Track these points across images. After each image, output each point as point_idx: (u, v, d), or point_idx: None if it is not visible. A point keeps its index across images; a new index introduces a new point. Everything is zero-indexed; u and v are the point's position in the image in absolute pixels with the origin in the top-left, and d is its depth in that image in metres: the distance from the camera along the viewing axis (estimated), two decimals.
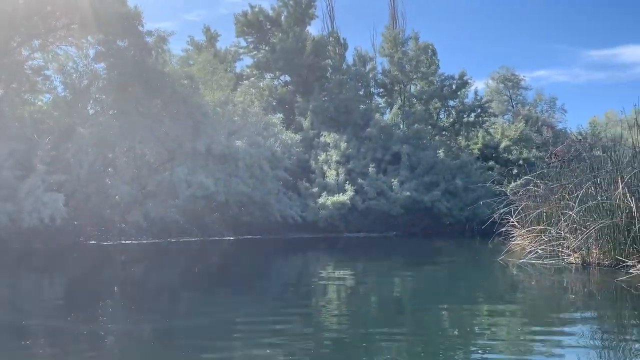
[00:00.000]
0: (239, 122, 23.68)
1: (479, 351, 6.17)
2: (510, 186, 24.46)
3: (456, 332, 7.16)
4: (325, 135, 30.90)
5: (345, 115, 32.99)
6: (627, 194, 11.98)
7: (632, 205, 11.64)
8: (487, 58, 72.30)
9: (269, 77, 38.94)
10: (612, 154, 14.08)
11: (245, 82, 32.97)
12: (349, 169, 29.36)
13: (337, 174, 28.86)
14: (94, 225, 21.57)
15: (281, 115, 32.01)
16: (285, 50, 35.37)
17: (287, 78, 39.05)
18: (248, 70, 38.17)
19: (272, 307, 9.24)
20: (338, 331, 7.40)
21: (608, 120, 44.27)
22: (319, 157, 30.10)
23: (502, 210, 20.21)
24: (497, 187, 24.93)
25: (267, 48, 37.83)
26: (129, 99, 20.96)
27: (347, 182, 28.41)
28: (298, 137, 29.74)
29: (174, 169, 20.53)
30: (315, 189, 28.11)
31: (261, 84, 35.14)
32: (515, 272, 13.35)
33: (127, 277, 13.95)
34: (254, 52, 38.90)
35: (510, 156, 35.91)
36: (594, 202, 12.87)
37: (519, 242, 18.22)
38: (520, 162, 34.05)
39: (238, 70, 38.37)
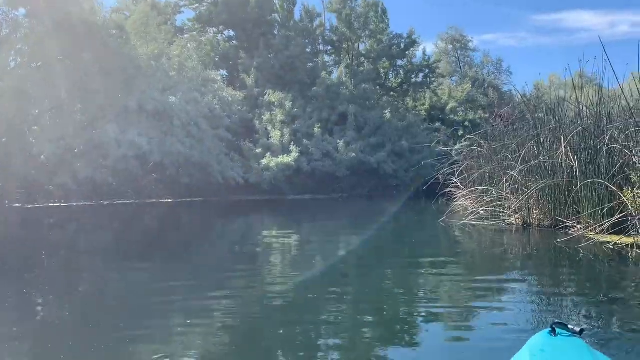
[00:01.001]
0: (175, 77, 22.26)
1: (421, 309, 6.30)
2: (456, 147, 24.39)
3: (400, 292, 7.23)
4: (270, 94, 29.82)
5: (291, 73, 31.94)
6: (570, 153, 11.71)
7: (574, 164, 11.38)
8: (437, 20, 72.18)
9: (212, 32, 37.26)
10: (555, 113, 13.79)
11: (186, 36, 31.31)
12: (294, 130, 28.54)
13: (282, 135, 28.00)
14: (18, 187, 20.09)
15: (224, 72, 30.73)
16: (229, 4, 33.75)
17: (232, 33, 37.49)
18: (190, 24, 36.32)
19: (210, 271, 8.69)
20: (281, 294, 7.09)
21: (552, 83, 44.82)
22: (263, 116, 29.09)
23: (446, 171, 20.06)
24: (443, 148, 24.77)
25: (209, 1, 36.09)
26: (53, 50, 19.26)
27: (292, 142, 27.63)
28: (240, 94, 28.53)
29: (104, 127, 19.12)
30: (259, 150, 27.21)
31: (203, 38, 33.43)
32: (456, 234, 13.02)
33: (45, 242, 12.82)
34: (196, 5, 37.06)
35: (456, 117, 35.98)
36: (535, 162, 12.58)
37: (462, 203, 18.04)
38: (467, 123, 34.13)
39: (179, 24, 36.47)
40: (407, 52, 36.39)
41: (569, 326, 3.32)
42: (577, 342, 3.21)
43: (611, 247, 9.36)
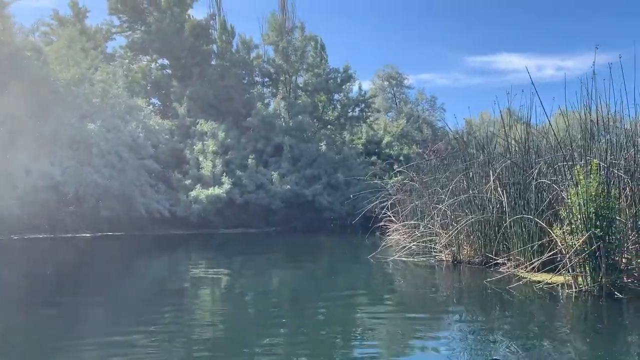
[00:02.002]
0: (97, 103, 20.98)
1: (356, 347, 6.24)
2: (391, 181, 24.21)
3: (332, 330, 7.06)
4: (202, 124, 28.82)
5: (226, 103, 31.13)
6: (499, 188, 11.45)
7: (502, 199, 11.10)
8: (375, 59, 73.68)
9: (146, 59, 36.05)
10: (485, 148, 13.63)
11: (115, 62, 30.02)
12: (227, 160, 27.57)
13: (214, 165, 26.94)
14: None
15: (156, 101, 29.54)
16: (162, 31, 32.74)
17: (165, 62, 36.43)
18: (122, 51, 35.02)
19: (130, 315, 7.89)
20: (207, 336, 6.65)
21: (482, 121, 46.13)
22: (194, 146, 27.97)
23: (381, 205, 19.71)
24: (377, 181, 24.51)
25: (142, 28, 35.01)
26: None
27: (225, 174, 26.61)
28: (168, 123, 27.38)
29: (13, 155, 17.56)
30: (188, 181, 26.01)
31: (135, 66, 32.19)
32: (386, 270, 12.44)
33: None
34: (129, 33, 35.88)
35: (392, 152, 36.11)
36: (465, 196, 12.27)
37: (395, 237, 17.61)
38: (401, 158, 34.26)
39: (111, 51, 35.11)
40: (343, 87, 36.36)
41: None
42: None
43: (542, 287, 8.99)
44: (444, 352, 5.77)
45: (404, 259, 13.20)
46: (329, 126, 37.95)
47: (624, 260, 8.64)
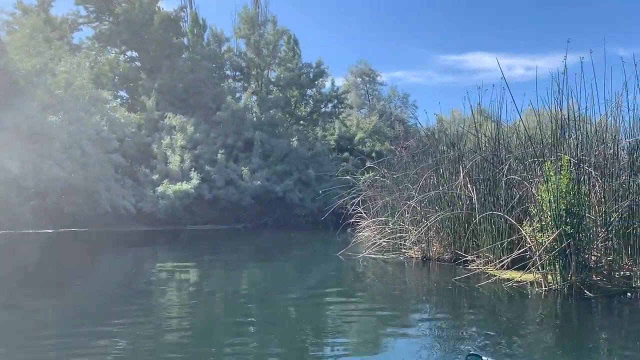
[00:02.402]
0: (60, 95, 20.19)
1: (327, 344, 6.16)
2: (363, 178, 24.01)
3: (298, 328, 6.99)
4: (170, 117, 28.17)
5: (196, 97, 30.53)
6: (469, 184, 11.30)
7: (472, 195, 10.95)
8: (348, 57, 73.55)
9: (114, 52, 35.14)
10: (455, 144, 13.46)
11: (80, 53, 29.11)
12: (196, 155, 27.01)
13: (182, 160, 26.37)
14: None
15: (124, 94, 28.80)
16: (131, 23, 31.97)
17: (134, 54, 35.57)
18: (89, 43, 34.06)
19: (93, 314, 7.57)
20: (179, 336, 6.46)
21: (454, 118, 46.36)
22: (162, 140, 27.33)
23: (352, 201, 19.50)
24: (348, 177, 24.26)
25: (110, 19, 34.11)
26: None
27: (193, 169, 26.07)
28: (134, 116, 26.68)
29: None
30: (155, 176, 25.40)
31: (100, 57, 31.29)
32: (356, 268, 12.19)
33: None
34: (96, 23, 34.93)
35: (364, 148, 35.97)
36: (434, 192, 12.09)
37: (366, 233, 17.41)
38: (373, 154, 34.11)
39: (77, 42, 34.13)
40: (316, 82, 36.08)
41: (483, 358, 3.41)
42: None
43: (511, 285, 8.84)
44: (413, 349, 5.67)
45: (373, 256, 12.98)
46: (301, 122, 37.63)
47: (593, 258, 8.55)
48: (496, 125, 11.79)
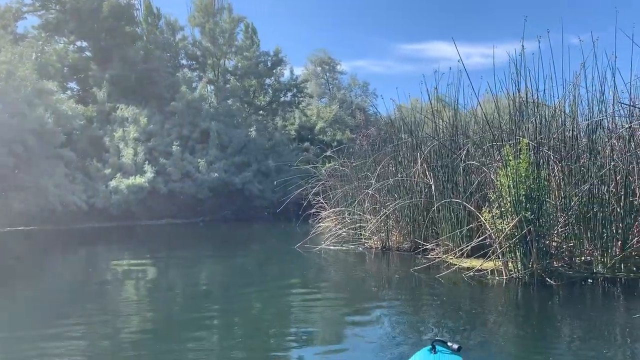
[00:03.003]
0: (1, 86, 18.97)
1: (292, 335, 6.11)
2: (324, 167, 23.60)
3: (257, 322, 6.73)
4: (122, 109, 27.07)
5: (149, 87, 29.42)
6: (427, 171, 10.97)
7: (430, 182, 10.63)
8: (307, 47, 72.91)
9: (62, 41, 33.57)
10: (413, 131, 13.10)
11: (24, 42, 27.60)
12: (149, 148, 26.01)
13: (136, 153, 25.35)
14: None
15: (74, 85, 27.52)
16: (79, 11, 30.54)
17: (84, 44, 34.09)
18: (35, 32, 32.42)
19: (46, 315, 7.11)
20: (138, 335, 6.20)
21: (413, 107, 46.37)
22: (115, 133, 26.24)
23: (313, 192, 19.09)
24: (309, 167, 23.82)
25: (57, 7, 32.52)
26: None
27: (147, 162, 25.10)
28: (83, 108, 25.52)
29: None
30: (108, 170, 24.35)
31: (47, 47, 29.81)
32: (313, 260, 11.75)
33: None
34: (42, 12, 33.27)
35: (325, 137, 35.57)
36: (393, 180, 11.74)
37: (326, 224, 17.02)
38: (334, 143, 33.74)
39: (22, 31, 32.43)
40: (274, 71, 35.44)
41: (448, 343, 3.40)
42: (456, 359, 3.29)
43: (472, 274, 8.55)
44: (373, 341, 5.54)
45: (332, 247, 12.58)
46: (260, 112, 36.92)
47: (554, 244, 8.32)
48: (454, 110, 11.49)
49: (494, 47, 8.64)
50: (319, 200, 18.77)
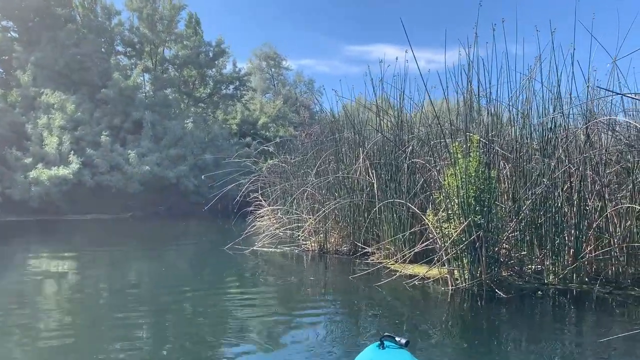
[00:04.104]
0: None
1: (231, 339, 5.69)
2: (266, 164, 22.63)
3: (184, 328, 6.16)
4: (48, 94, 25.06)
5: (80, 73, 27.51)
6: (369, 169, 10.16)
7: (373, 180, 9.82)
8: (255, 44, 71.71)
9: None
10: (355, 125, 12.26)
11: None
12: (76, 137, 24.19)
13: (60, 142, 23.48)
14: None
15: None
16: None
17: (10, 24, 31.61)
18: None
19: None
20: (59, 341, 5.56)
21: (358, 105, 46.02)
22: (38, 120, 24.23)
23: (252, 189, 18.09)
24: (249, 163, 22.74)
25: None
26: None
27: (73, 152, 23.28)
28: (4, 92, 23.44)
29: None
30: (29, 160, 22.41)
31: None
32: (247, 262, 10.72)
33: None
34: None
35: (268, 133, 34.53)
36: (333, 177, 10.88)
37: (264, 223, 16.01)
38: (277, 139, 32.78)
39: None
40: (216, 62, 34.08)
41: (396, 338, 3.48)
42: (403, 353, 3.43)
43: (414, 283, 7.78)
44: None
45: (265, 249, 11.59)
46: (200, 104, 35.48)
47: (503, 252, 7.66)
48: (399, 99, 10.58)
49: (445, 47, 7.88)
50: (257, 197, 17.80)
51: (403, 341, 3.49)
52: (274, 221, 14.73)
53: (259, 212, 17.36)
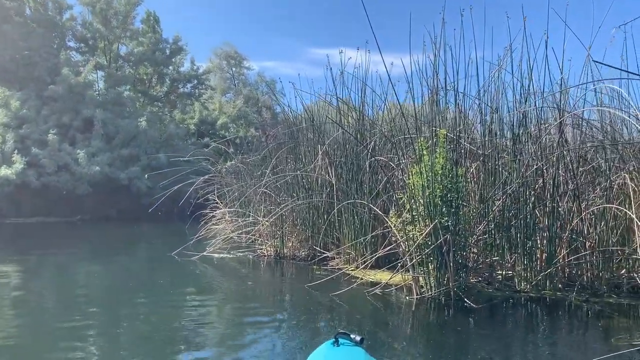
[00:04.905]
0: None
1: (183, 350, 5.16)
2: (225, 165, 21.76)
3: (137, 334, 5.82)
4: None
5: (27, 68, 26.02)
6: (329, 168, 9.48)
7: (332, 180, 9.15)
8: (218, 43, 70.51)
9: None
10: (314, 121, 11.53)
11: None
12: (21, 135, 22.76)
13: (3, 141, 22.06)
14: None
15: None
16: None
17: None
18: None
19: None
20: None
21: (320, 107, 45.41)
22: None
23: (207, 190, 17.27)
24: (206, 163, 21.81)
25: None
26: None
27: (17, 151, 21.87)
28: None
29: None
30: None
31: None
32: (196, 269, 9.89)
33: None
34: None
35: (227, 133, 33.55)
36: (290, 176, 10.16)
37: (219, 226, 15.17)
38: (237, 140, 31.88)
39: None
40: (173, 60, 32.92)
41: (351, 335, 3.42)
42: (358, 351, 3.34)
43: (376, 291, 7.12)
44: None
45: (216, 255, 10.77)
46: (156, 103, 34.23)
47: (472, 256, 7.08)
48: (361, 92, 9.87)
49: (410, 49, 7.29)
50: (214, 200, 16.97)
51: (358, 338, 3.42)
52: (230, 224, 13.91)
53: (214, 214, 16.54)
